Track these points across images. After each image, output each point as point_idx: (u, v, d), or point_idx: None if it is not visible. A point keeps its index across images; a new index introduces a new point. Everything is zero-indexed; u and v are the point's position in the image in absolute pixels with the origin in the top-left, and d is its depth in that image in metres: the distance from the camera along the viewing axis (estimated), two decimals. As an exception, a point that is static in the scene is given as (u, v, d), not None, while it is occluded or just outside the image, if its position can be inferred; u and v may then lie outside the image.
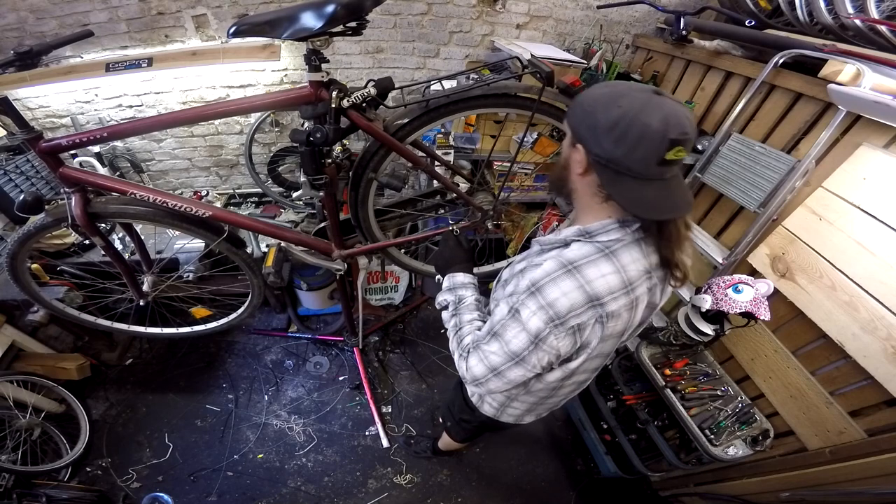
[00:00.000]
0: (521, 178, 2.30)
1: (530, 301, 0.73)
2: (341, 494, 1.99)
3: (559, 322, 0.72)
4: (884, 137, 1.19)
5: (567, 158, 0.77)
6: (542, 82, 1.02)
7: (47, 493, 1.72)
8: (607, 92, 0.69)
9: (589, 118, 0.69)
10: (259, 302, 1.59)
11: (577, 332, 0.74)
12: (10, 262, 1.26)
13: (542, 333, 0.73)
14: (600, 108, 0.67)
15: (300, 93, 1.00)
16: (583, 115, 0.70)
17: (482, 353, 0.81)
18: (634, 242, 0.75)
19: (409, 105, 1.07)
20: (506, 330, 0.77)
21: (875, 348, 1.17)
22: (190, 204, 1.14)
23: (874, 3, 1.27)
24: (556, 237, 0.81)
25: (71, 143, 0.99)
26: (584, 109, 0.70)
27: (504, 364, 0.78)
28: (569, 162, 0.77)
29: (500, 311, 0.79)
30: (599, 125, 0.67)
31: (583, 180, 0.76)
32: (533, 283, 0.73)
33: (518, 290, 0.76)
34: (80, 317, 1.60)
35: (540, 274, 0.73)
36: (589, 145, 0.70)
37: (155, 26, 1.82)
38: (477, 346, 0.82)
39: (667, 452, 1.66)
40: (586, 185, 0.76)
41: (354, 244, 1.38)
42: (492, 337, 0.80)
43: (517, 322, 0.75)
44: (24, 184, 1.93)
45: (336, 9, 0.85)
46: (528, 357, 0.76)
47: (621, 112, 0.65)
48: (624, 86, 0.71)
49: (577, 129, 0.72)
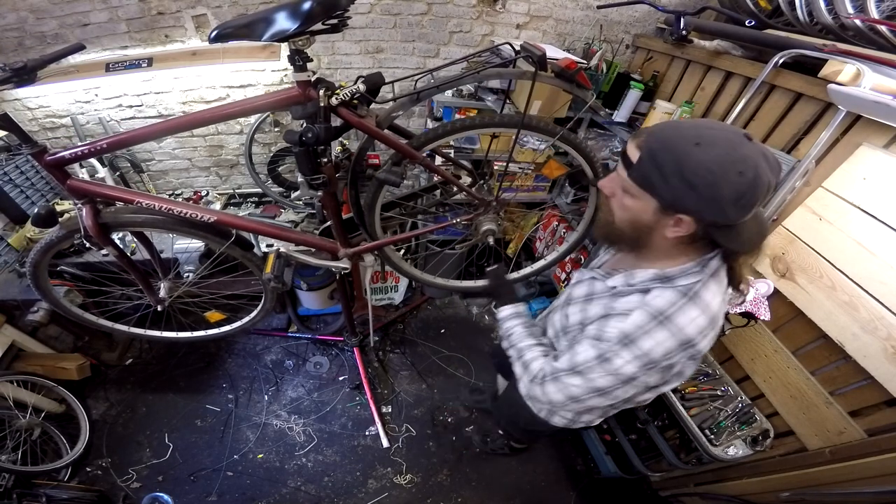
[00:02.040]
0: (521, 179, 2.30)
1: (624, 352, 0.74)
2: (341, 494, 1.99)
3: (653, 366, 0.74)
4: (884, 137, 1.18)
5: (651, 225, 0.73)
6: (534, 66, 1.00)
7: (47, 493, 1.72)
8: (713, 159, 0.62)
9: (706, 194, 0.63)
10: (272, 306, 1.57)
11: (668, 369, 0.76)
12: (33, 271, 1.28)
13: (636, 376, 0.76)
14: (721, 181, 0.61)
15: (288, 94, 0.99)
16: (691, 188, 0.63)
17: (562, 385, 0.85)
18: (711, 278, 0.74)
19: (399, 98, 1.06)
20: (591, 371, 0.79)
21: (875, 348, 1.17)
22: (196, 210, 1.15)
23: (874, 3, 1.27)
24: (632, 281, 0.81)
25: (74, 156, 1.01)
26: (693, 184, 0.63)
27: (585, 395, 0.82)
28: (653, 226, 0.73)
29: (585, 354, 0.81)
30: (724, 199, 0.62)
31: (670, 238, 0.73)
32: (625, 335, 0.74)
33: (605, 338, 0.78)
34: (100, 322, 1.60)
35: (631, 327, 0.74)
36: (704, 216, 0.66)
37: (155, 26, 1.81)
38: (557, 377, 0.86)
39: (667, 452, 1.65)
40: (672, 239, 0.73)
41: (359, 242, 1.38)
42: (574, 374, 0.82)
43: (606, 366, 0.77)
44: (25, 184, 1.94)
45: (312, 7, 0.84)
46: (613, 392, 0.80)
47: (747, 182, 0.62)
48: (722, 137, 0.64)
49: (686, 204, 0.65)
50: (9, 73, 0.88)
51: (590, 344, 0.81)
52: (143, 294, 1.46)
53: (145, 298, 1.47)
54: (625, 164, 0.71)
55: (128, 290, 1.54)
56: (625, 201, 0.74)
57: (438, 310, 2.93)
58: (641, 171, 0.68)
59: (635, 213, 0.74)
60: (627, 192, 0.73)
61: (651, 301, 0.74)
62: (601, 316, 0.83)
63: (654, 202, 0.69)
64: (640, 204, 0.72)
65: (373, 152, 1.99)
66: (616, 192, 0.76)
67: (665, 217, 0.70)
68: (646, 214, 0.72)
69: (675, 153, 0.64)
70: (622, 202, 0.75)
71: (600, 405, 0.85)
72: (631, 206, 0.74)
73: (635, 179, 0.70)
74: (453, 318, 2.88)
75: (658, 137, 0.67)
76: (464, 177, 1.41)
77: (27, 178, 1.96)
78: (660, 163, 0.65)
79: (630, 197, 0.73)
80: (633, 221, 0.75)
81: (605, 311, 0.82)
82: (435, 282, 1.62)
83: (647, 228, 0.74)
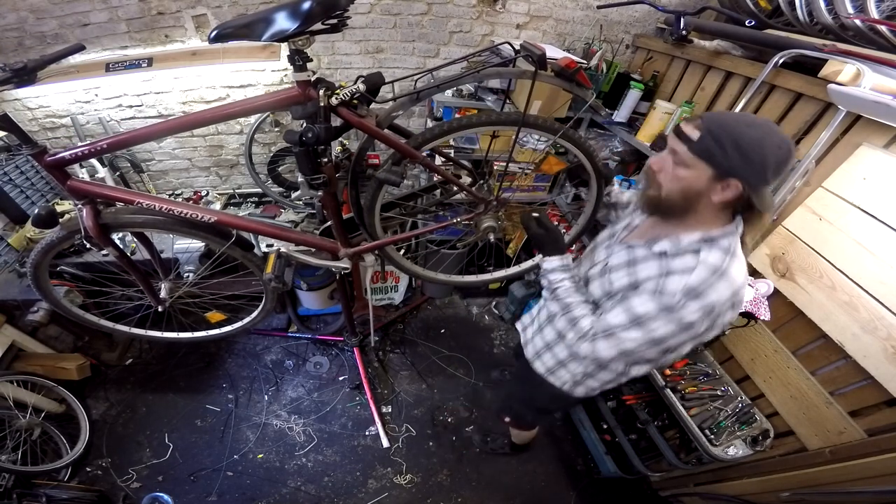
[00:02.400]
0: (521, 178, 2.30)
1: (692, 303, 0.86)
2: (341, 494, 1.99)
3: (710, 313, 0.87)
4: (884, 137, 1.18)
5: (702, 192, 0.87)
6: (534, 66, 1.00)
7: (47, 493, 1.73)
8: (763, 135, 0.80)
9: (762, 164, 0.80)
10: (272, 306, 1.57)
11: (717, 317, 0.89)
12: (33, 271, 1.27)
13: (694, 324, 0.88)
14: (771, 155, 0.79)
15: (288, 94, 0.99)
16: (746, 158, 0.80)
17: (616, 340, 0.95)
18: (736, 237, 0.90)
19: (399, 98, 1.06)
20: (652, 321, 0.90)
21: (875, 348, 1.17)
22: (196, 210, 1.14)
23: (874, 3, 1.27)
24: (681, 245, 0.93)
25: (74, 156, 1.01)
26: (748, 155, 0.80)
27: (640, 347, 0.93)
28: (703, 192, 0.87)
29: (645, 307, 0.91)
30: (768, 166, 0.80)
31: (715, 202, 0.87)
32: (691, 288, 0.86)
33: (668, 292, 0.88)
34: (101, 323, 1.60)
35: (696, 281, 0.86)
36: (751, 181, 0.82)
37: (155, 26, 1.82)
38: (610, 334, 0.95)
39: (667, 452, 1.66)
40: (717, 204, 0.88)
41: (359, 242, 1.38)
42: (633, 326, 0.92)
43: (670, 316, 0.88)
44: (25, 184, 1.94)
45: (312, 7, 0.84)
46: (667, 341, 0.92)
47: (784, 154, 0.80)
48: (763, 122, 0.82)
49: (739, 171, 0.82)
50: (9, 74, 0.88)
51: (649, 298, 0.91)
52: (144, 294, 1.46)
53: (146, 299, 1.48)
54: (683, 140, 0.87)
55: (128, 290, 1.54)
56: (678, 172, 0.89)
57: (438, 310, 2.93)
58: (703, 144, 0.83)
59: (689, 182, 0.88)
60: (681, 164, 0.88)
61: (707, 259, 0.87)
62: (659, 275, 0.93)
63: (710, 171, 0.84)
64: (695, 173, 0.86)
65: (373, 152, 2.00)
66: (665, 166, 0.91)
67: (716, 183, 0.85)
68: (699, 182, 0.87)
69: (732, 132, 0.81)
70: (675, 174, 0.90)
71: (649, 357, 0.98)
72: (685, 176, 0.88)
73: (697, 152, 0.84)
74: (453, 318, 2.88)
75: (715, 120, 0.84)
76: (464, 176, 1.41)
77: (27, 178, 1.96)
78: (719, 139, 0.81)
79: (684, 168, 0.88)
80: (686, 189, 0.89)
81: (663, 270, 0.93)
82: (437, 277, 1.62)
83: (697, 195, 0.88)
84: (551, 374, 1.31)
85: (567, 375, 1.28)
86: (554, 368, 1.30)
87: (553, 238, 1.14)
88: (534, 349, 1.36)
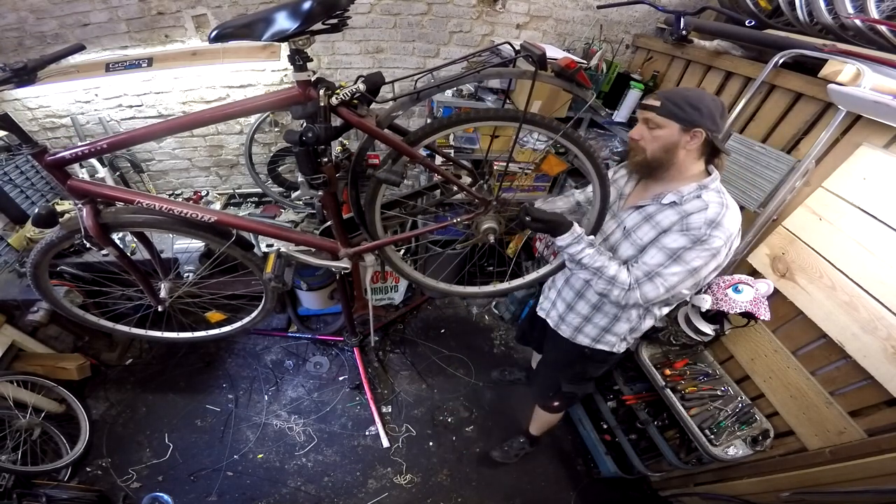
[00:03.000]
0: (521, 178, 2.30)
1: (715, 232, 1.05)
2: (341, 494, 1.99)
3: (730, 241, 1.07)
4: (884, 137, 1.19)
5: (677, 143, 1.09)
6: (534, 66, 1.00)
7: (47, 493, 1.72)
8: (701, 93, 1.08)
9: (709, 112, 1.05)
10: (272, 306, 1.57)
11: (732, 244, 1.09)
12: (33, 271, 1.27)
13: (720, 249, 1.06)
14: (712, 105, 1.05)
15: (289, 93, 0.99)
16: (698, 111, 1.04)
17: (661, 279, 1.10)
18: (719, 181, 1.13)
19: (399, 98, 1.06)
20: (687, 253, 1.07)
21: (875, 348, 1.17)
22: (196, 210, 1.14)
23: (874, 3, 1.27)
24: (684, 194, 1.11)
25: (74, 156, 1.01)
26: (699, 108, 1.05)
27: (681, 281, 1.09)
28: (678, 144, 1.09)
29: (677, 242, 1.08)
30: (716, 114, 1.05)
31: (690, 152, 1.10)
32: (711, 220, 1.05)
33: (693, 228, 1.07)
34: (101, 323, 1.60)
35: (714, 213, 1.05)
36: (709, 128, 1.05)
37: (155, 26, 1.82)
38: (653, 275, 1.11)
39: (667, 452, 1.66)
40: (692, 154, 1.11)
41: (359, 242, 1.38)
42: (672, 262, 1.09)
43: (702, 245, 1.06)
44: (25, 184, 1.94)
45: (312, 6, 0.83)
46: (702, 269, 1.08)
47: (719, 104, 1.07)
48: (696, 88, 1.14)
49: (698, 121, 1.05)
50: (9, 74, 0.88)
51: (679, 235, 1.08)
52: (144, 294, 1.45)
53: (146, 299, 1.47)
54: (650, 109, 1.10)
55: (128, 290, 1.54)
56: (655, 133, 1.11)
57: (438, 310, 2.93)
58: (665, 108, 1.08)
59: (665, 138, 1.10)
60: (655, 126, 1.11)
61: (711, 198, 1.08)
62: (680, 218, 1.10)
63: (676, 126, 1.07)
64: (667, 130, 1.09)
65: (373, 152, 2.00)
66: (644, 134, 1.14)
67: (685, 134, 1.07)
68: (672, 136, 1.09)
69: (681, 94, 1.08)
70: (652, 135, 1.12)
71: (688, 286, 1.12)
72: (660, 135, 1.10)
73: (663, 113, 1.08)
74: (453, 318, 2.88)
75: (666, 91, 1.11)
76: (464, 176, 1.41)
77: (27, 178, 1.96)
78: (675, 101, 1.07)
79: (658, 128, 1.10)
80: (665, 144, 1.10)
81: (681, 214, 1.10)
82: (438, 287, 1.61)
83: (674, 146, 1.10)
84: (598, 342, 1.43)
85: (613, 339, 1.41)
86: (598, 337, 1.42)
87: (552, 224, 1.17)
88: (570, 327, 1.47)
